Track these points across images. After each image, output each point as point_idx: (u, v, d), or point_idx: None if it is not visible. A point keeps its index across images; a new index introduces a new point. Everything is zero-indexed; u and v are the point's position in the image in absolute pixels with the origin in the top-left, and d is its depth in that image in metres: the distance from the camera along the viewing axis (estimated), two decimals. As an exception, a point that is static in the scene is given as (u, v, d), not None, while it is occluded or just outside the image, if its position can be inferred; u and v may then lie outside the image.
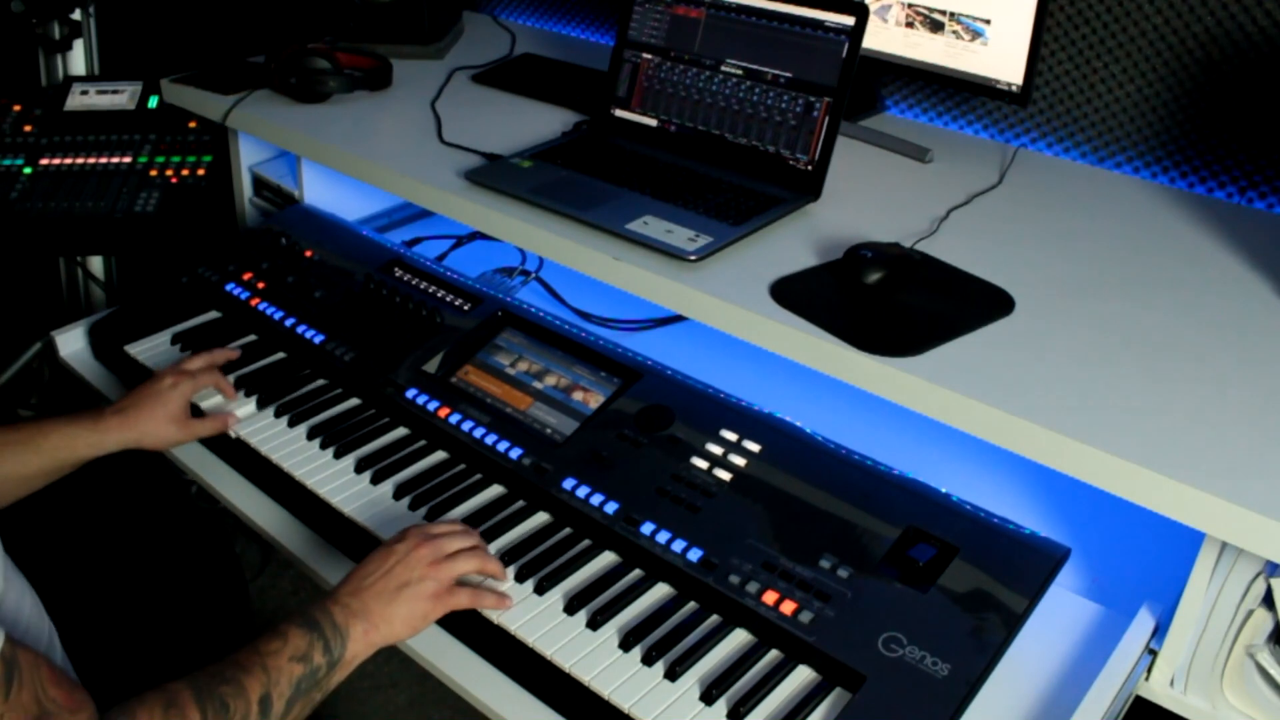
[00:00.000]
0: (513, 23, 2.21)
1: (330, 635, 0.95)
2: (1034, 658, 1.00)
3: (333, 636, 0.95)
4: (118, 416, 1.23)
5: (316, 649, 0.94)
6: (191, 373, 1.30)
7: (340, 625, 0.96)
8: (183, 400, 1.27)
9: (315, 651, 0.94)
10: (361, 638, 0.97)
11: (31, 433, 1.18)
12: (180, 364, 1.32)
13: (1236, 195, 1.45)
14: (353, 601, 0.98)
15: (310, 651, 0.94)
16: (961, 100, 1.65)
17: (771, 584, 1.02)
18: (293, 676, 0.92)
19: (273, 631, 0.94)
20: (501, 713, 0.98)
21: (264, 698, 0.90)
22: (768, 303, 1.13)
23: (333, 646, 0.95)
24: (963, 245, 1.26)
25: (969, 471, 1.19)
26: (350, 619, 0.97)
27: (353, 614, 0.97)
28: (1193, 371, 1.03)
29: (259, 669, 0.91)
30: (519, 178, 1.38)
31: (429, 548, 1.03)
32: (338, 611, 0.97)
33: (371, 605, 0.98)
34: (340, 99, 1.67)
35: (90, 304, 2.36)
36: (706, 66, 1.45)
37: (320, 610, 0.97)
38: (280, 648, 0.93)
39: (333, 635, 0.96)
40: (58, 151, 1.89)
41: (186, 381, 1.28)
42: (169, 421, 1.25)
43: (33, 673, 0.80)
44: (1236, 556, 0.92)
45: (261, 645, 0.93)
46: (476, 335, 1.37)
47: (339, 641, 0.96)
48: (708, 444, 1.16)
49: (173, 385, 1.27)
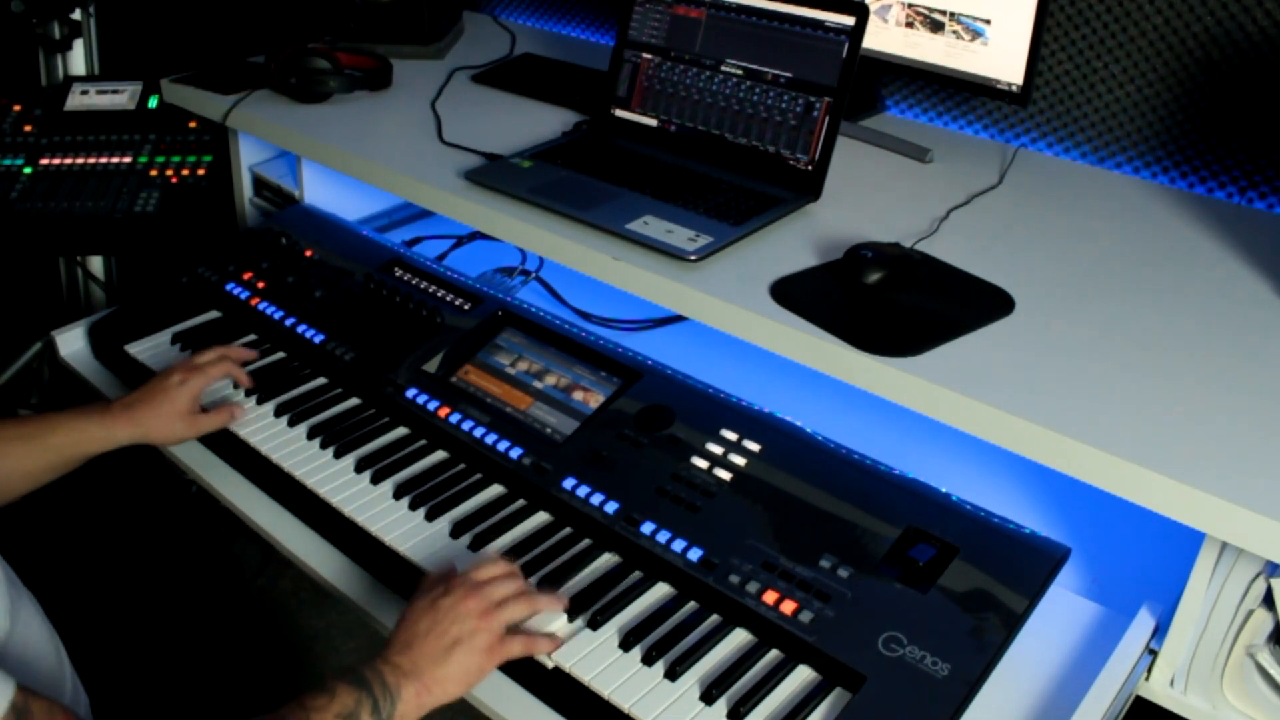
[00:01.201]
0: (513, 23, 2.21)
1: (380, 695, 0.92)
2: (1034, 658, 1.00)
3: (382, 696, 0.92)
4: (126, 411, 1.23)
5: (365, 707, 0.91)
6: (201, 367, 1.29)
7: (390, 685, 0.93)
8: (190, 396, 1.27)
9: (363, 710, 0.91)
10: (413, 699, 0.93)
11: (38, 427, 1.18)
12: (191, 359, 1.32)
13: (1236, 195, 1.45)
14: (403, 661, 0.95)
15: (358, 710, 0.90)
16: (961, 100, 1.65)
17: (771, 584, 1.02)
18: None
19: (320, 687, 0.91)
20: (501, 712, 0.98)
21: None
22: (768, 303, 1.13)
23: (382, 707, 0.92)
24: (963, 245, 1.26)
25: (969, 471, 1.19)
26: (401, 679, 0.93)
27: (404, 674, 0.94)
28: (1193, 371, 1.03)
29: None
30: (519, 178, 1.38)
31: (477, 599, 0.98)
32: (388, 671, 0.94)
33: (423, 665, 0.95)
34: (340, 99, 1.67)
35: (90, 304, 2.36)
36: (707, 66, 1.45)
37: (370, 669, 0.94)
38: (326, 704, 0.90)
39: (382, 695, 0.92)
40: (58, 151, 1.89)
41: (196, 377, 1.28)
42: (176, 417, 1.25)
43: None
44: (1236, 556, 0.92)
45: (308, 701, 0.90)
46: (476, 335, 1.37)
47: (389, 702, 0.92)
48: (708, 444, 1.16)
49: (181, 381, 1.27)
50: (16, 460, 1.16)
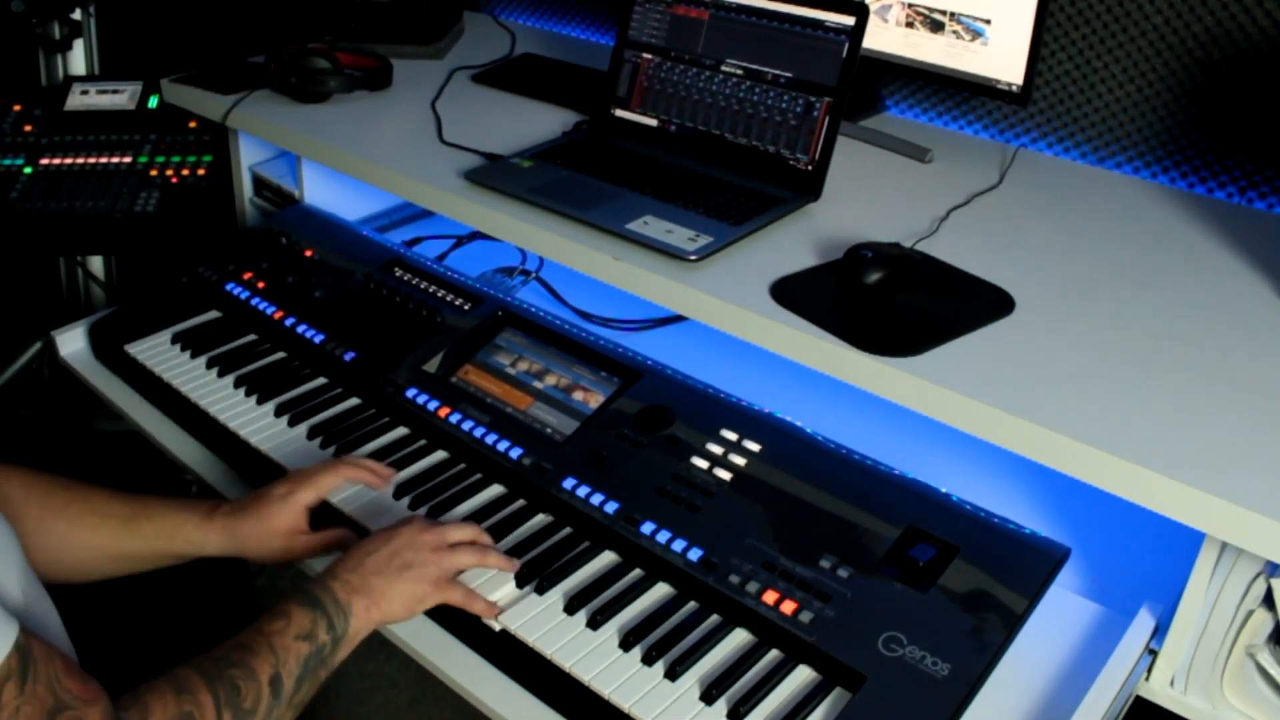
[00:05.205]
0: (513, 23, 2.21)
1: (333, 612, 0.96)
2: (1034, 658, 1.00)
3: (335, 613, 0.96)
4: (227, 520, 1.09)
5: (321, 626, 0.95)
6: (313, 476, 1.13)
7: (342, 601, 0.97)
8: (294, 513, 1.10)
9: (320, 629, 0.95)
10: (363, 613, 0.98)
11: (136, 510, 1.09)
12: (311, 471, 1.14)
13: (1236, 195, 1.45)
14: (353, 577, 0.99)
15: (315, 629, 0.94)
16: (961, 100, 1.65)
17: (771, 584, 1.02)
18: (300, 655, 0.93)
19: (275, 611, 0.95)
20: (501, 712, 0.98)
21: (274, 678, 0.90)
22: (768, 303, 1.13)
23: (336, 623, 0.96)
24: (963, 245, 1.26)
25: (969, 471, 1.19)
26: (352, 594, 0.97)
27: (354, 589, 0.98)
28: (1193, 371, 1.03)
29: (266, 649, 0.91)
30: (519, 178, 1.38)
31: (432, 534, 1.04)
32: (338, 587, 0.98)
33: (372, 581, 0.99)
34: (340, 99, 1.67)
35: (90, 304, 2.36)
36: (707, 66, 1.45)
37: (321, 587, 0.97)
38: (284, 627, 0.93)
39: (335, 612, 0.96)
40: (58, 151, 1.89)
41: (304, 489, 1.12)
42: (273, 536, 1.10)
43: (47, 665, 0.80)
44: (1236, 556, 0.92)
45: (265, 625, 0.93)
46: (476, 335, 1.37)
47: (342, 618, 0.96)
48: (708, 444, 1.16)
49: (285, 495, 1.11)
50: (105, 538, 1.07)
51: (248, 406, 1.33)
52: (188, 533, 1.09)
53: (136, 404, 1.39)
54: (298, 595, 0.96)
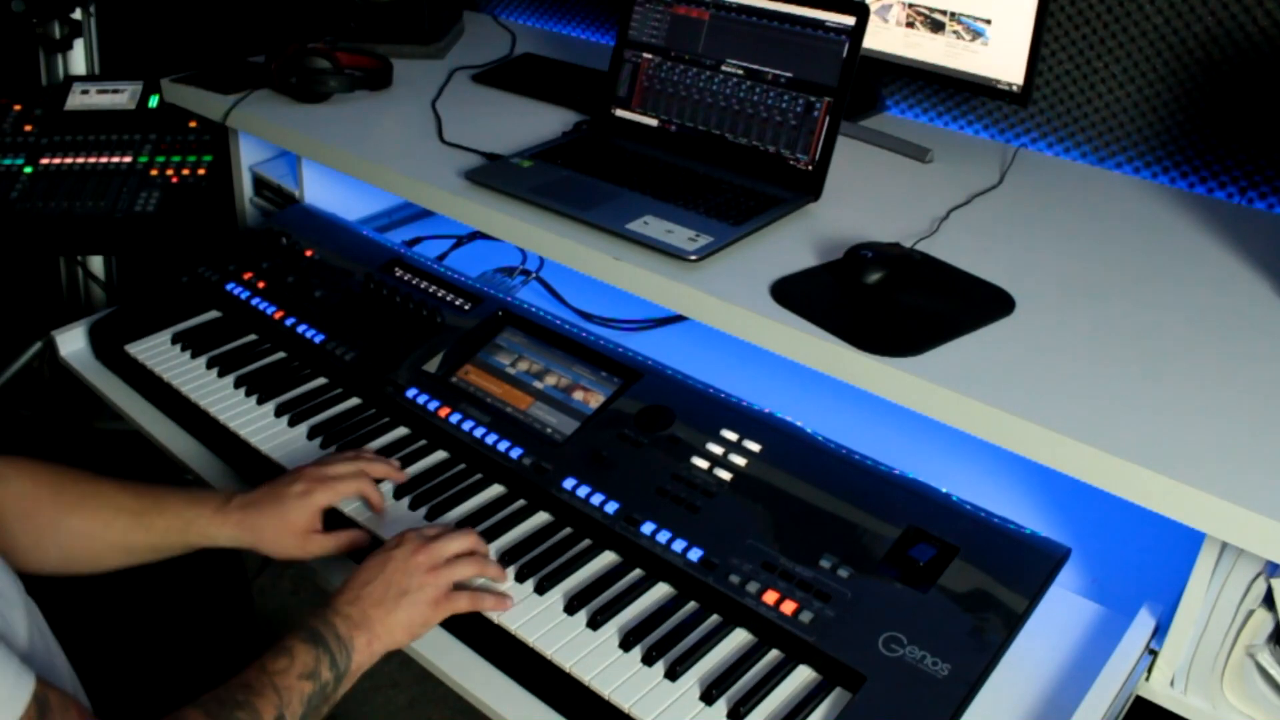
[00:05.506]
0: (513, 23, 2.21)
1: (335, 649, 0.95)
2: (1034, 658, 1.00)
3: (338, 650, 0.95)
4: (240, 513, 1.09)
5: (324, 664, 0.94)
6: (330, 481, 1.13)
7: (344, 637, 0.96)
8: (310, 512, 1.10)
9: (323, 667, 0.93)
10: (364, 648, 0.97)
11: (147, 505, 1.09)
12: (323, 464, 1.15)
13: (1236, 195, 1.45)
14: (353, 611, 0.98)
15: (318, 668, 0.93)
16: (962, 100, 1.65)
17: (771, 584, 1.02)
18: (303, 694, 0.92)
19: (278, 648, 0.94)
20: (502, 713, 0.98)
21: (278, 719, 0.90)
22: (768, 303, 1.13)
23: (339, 660, 0.95)
24: (963, 245, 1.26)
25: (969, 471, 1.19)
26: (353, 630, 0.97)
27: (354, 624, 0.97)
28: (1193, 371, 1.03)
29: (270, 690, 0.90)
30: (519, 177, 1.38)
31: (426, 554, 1.02)
32: (340, 623, 0.97)
33: (371, 614, 0.98)
34: (340, 99, 1.67)
35: (90, 304, 2.36)
36: (707, 66, 1.45)
37: (322, 622, 0.96)
38: (288, 666, 0.92)
39: (338, 649, 0.95)
40: (58, 151, 1.90)
41: (321, 491, 1.11)
42: (288, 533, 1.10)
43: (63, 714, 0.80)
44: (1236, 557, 0.92)
45: (269, 664, 0.92)
46: (477, 335, 1.37)
47: (344, 654, 0.95)
48: (708, 444, 1.16)
49: (302, 493, 1.10)
50: (117, 532, 1.07)
51: (248, 406, 1.33)
52: (200, 526, 1.09)
53: (136, 404, 1.39)
54: (299, 631, 0.95)
